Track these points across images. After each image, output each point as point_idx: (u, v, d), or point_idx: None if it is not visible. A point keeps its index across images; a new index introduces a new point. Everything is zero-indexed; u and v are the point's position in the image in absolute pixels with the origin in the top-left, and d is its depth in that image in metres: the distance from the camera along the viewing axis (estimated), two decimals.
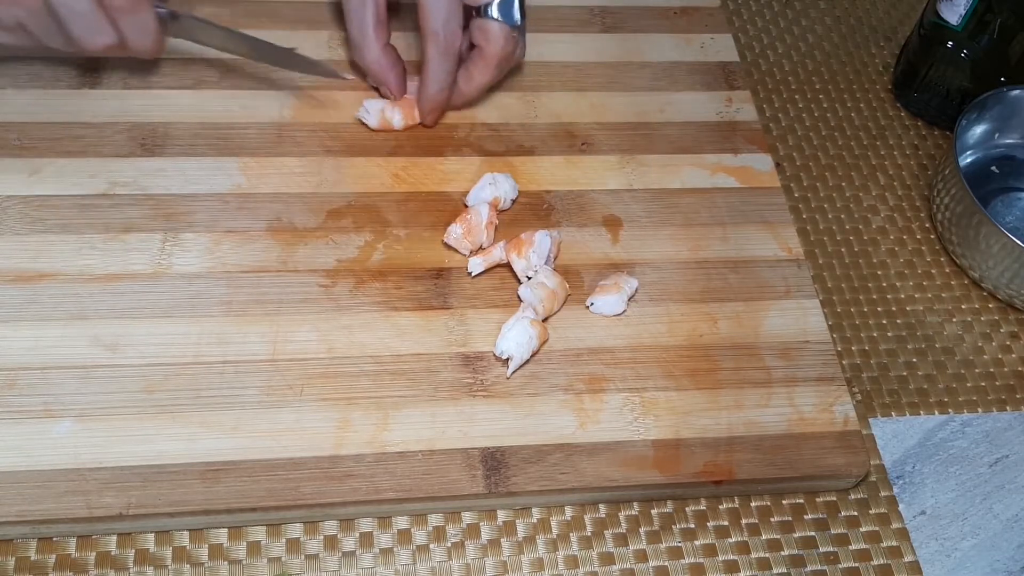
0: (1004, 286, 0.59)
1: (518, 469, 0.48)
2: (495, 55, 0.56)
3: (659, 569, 0.48)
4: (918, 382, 0.56)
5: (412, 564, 0.47)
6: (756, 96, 0.69)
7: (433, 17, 0.53)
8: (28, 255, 0.52)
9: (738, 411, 0.51)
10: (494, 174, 0.57)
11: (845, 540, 0.50)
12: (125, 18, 0.51)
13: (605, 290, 0.54)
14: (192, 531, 0.46)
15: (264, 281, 0.53)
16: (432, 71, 0.56)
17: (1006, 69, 0.64)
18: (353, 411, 0.49)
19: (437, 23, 0.53)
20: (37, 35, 0.51)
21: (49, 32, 0.51)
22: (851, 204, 0.64)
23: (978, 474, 0.53)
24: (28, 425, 0.46)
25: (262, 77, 0.62)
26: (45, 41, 0.52)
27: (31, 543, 0.45)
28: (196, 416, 0.48)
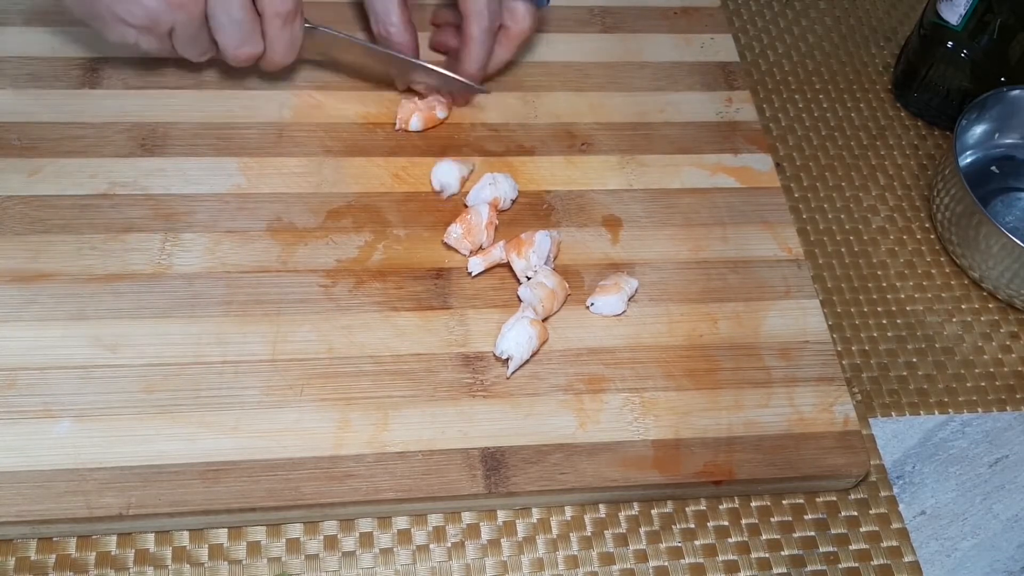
0: (1004, 286, 0.59)
1: (518, 469, 0.48)
2: (520, 35, 0.57)
3: (659, 569, 0.48)
4: (918, 382, 0.56)
5: (412, 564, 0.47)
6: (756, 96, 0.69)
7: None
8: (28, 255, 0.52)
9: (738, 411, 0.51)
10: (494, 174, 0.57)
11: (845, 540, 0.50)
12: (278, 30, 0.53)
13: (605, 290, 0.54)
14: (192, 531, 0.46)
15: (264, 281, 0.53)
16: (474, 50, 0.56)
17: (1006, 69, 0.64)
18: (353, 411, 0.49)
19: (482, 3, 0.54)
20: (182, 42, 0.53)
21: (195, 39, 0.53)
22: (851, 204, 0.64)
23: (978, 474, 0.53)
24: (28, 425, 0.46)
25: (262, 77, 0.62)
26: (185, 50, 0.53)
27: (31, 543, 0.45)
28: (196, 416, 0.48)
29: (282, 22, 0.53)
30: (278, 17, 0.53)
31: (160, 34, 0.52)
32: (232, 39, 0.53)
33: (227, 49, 0.54)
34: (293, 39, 0.55)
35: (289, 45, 0.55)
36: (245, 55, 0.54)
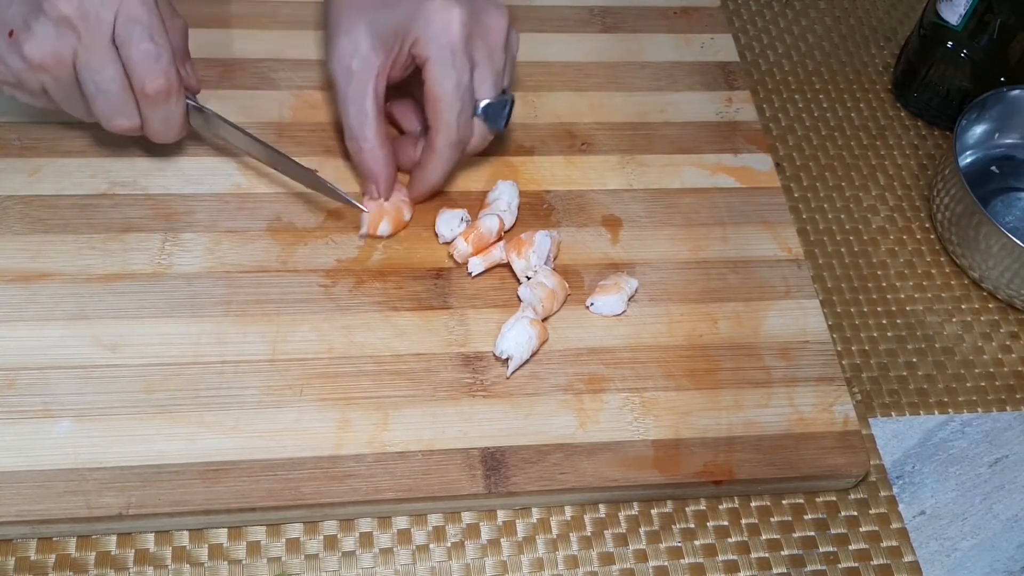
0: (1004, 286, 0.59)
1: (518, 469, 0.48)
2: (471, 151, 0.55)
3: (659, 569, 0.48)
4: (918, 382, 0.56)
5: (412, 564, 0.47)
6: (756, 96, 0.69)
7: (449, 111, 0.51)
8: (28, 255, 0.52)
9: (738, 411, 0.51)
10: (504, 186, 0.57)
11: (845, 540, 0.50)
12: (150, 108, 0.50)
13: (605, 290, 0.54)
14: (192, 531, 0.46)
15: (264, 281, 0.53)
16: (438, 163, 0.53)
17: (1006, 69, 0.64)
18: (353, 411, 0.49)
19: (452, 116, 0.51)
20: (60, 103, 0.50)
21: (72, 102, 0.50)
22: (851, 204, 0.64)
23: (978, 474, 0.53)
24: (28, 425, 0.46)
25: (262, 77, 0.62)
26: (67, 109, 0.51)
27: (31, 543, 0.45)
28: (196, 416, 0.47)
29: (151, 101, 0.50)
30: (146, 96, 0.49)
31: (33, 92, 0.49)
32: (104, 110, 0.50)
33: (101, 118, 0.50)
34: (168, 119, 0.51)
35: (163, 125, 0.52)
36: (121, 127, 0.51)
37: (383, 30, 0.51)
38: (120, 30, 0.48)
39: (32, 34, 0.47)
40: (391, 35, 0.51)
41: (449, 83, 0.50)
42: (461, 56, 0.50)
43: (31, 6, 0.47)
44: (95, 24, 0.47)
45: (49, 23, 0.47)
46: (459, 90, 0.51)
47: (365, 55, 0.51)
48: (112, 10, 0.47)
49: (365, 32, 0.51)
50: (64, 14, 0.47)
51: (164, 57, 0.49)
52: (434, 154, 0.53)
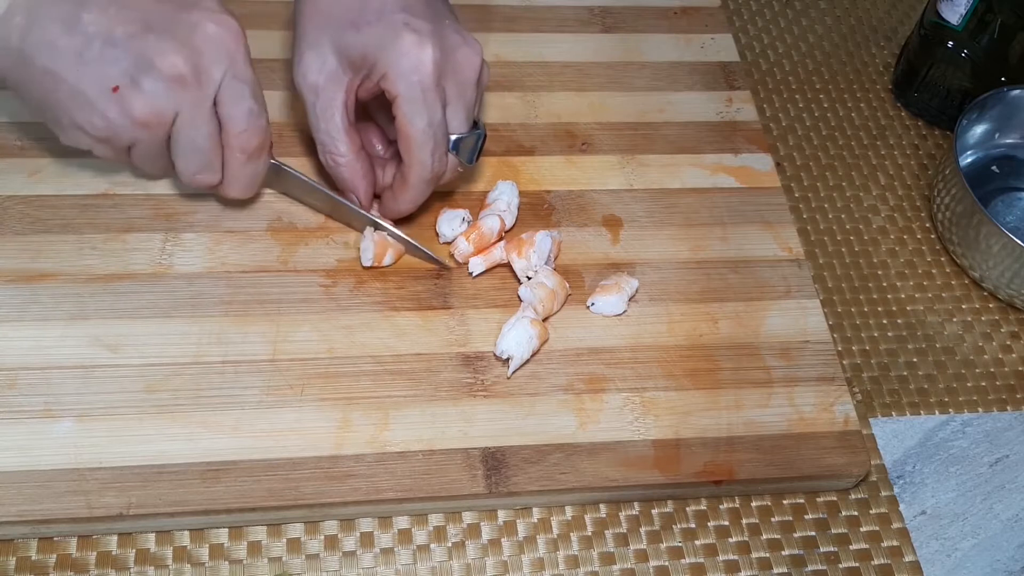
0: (1004, 286, 0.59)
1: (518, 469, 0.48)
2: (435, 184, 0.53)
3: (659, 569, 0.48)
4: (918, 382, 0.56)
5: (412, 564, 0.47)
6: (756, 96, 0.69)
7: (421, 149, 0.50)
8: (29, 255, 0.52)
9: (738, 411, 0.51)
10: (504, 186, 0.57)
11: (846, 540, 0.50)
12: (240, 165, 0.50)
13: (605, 290, 0.54)
14: (192, 531, 0.46)
15: (264, 281, 0.53)
16: (410, 194, 0.52)
17: (1006, 69, 0.64)
18: (353, 411, 0.49)
19: (425, 155, 0.50)
20: (140, 159, 0.50)
21: (155, 158, 0.50)
22: (851, 204, 0.64)
23: (978, 474, 0.53)
24: (28, 425, 0.46)
25: (262, 77, 0.61)
26: (142, 165, 0.50)
27: (32, 543, 0.45)
28: (196, 416, 0.48)
29: (245, 159, 0.50)
30: (243, 153, 0.50)
31: (118, 148, 0.49)
32: (190, 166, 0.49)
33: (183, 174, 0.50)
34: (254, 176, 0.52)
35: (249, 181, 0.52)
36: (202, 182, 0.51)
37: (350, 51, 0.50)
38: (226, 89, 0.48)
39: (141, 91, 0.46)
40: (359, 57, 0.49)
41: (421, 122, 0.49)
42: (432, 94, 0.49)
43: (141, 62, 0.45)
44: (205, 82, 0.47)
45: (161, 80, 0.46)
46: (431, 128, 0.49)
47: (332, 71, 0.50)
48: (222, 68, 0.47)
49: (330, 49, 0.50)
50: (179, 72, 0.46)
51: (264, 116, 0.50)
52: (407, 187, 0.52)
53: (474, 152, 0.53)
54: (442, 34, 0.49)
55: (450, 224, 0.55)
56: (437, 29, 0.49)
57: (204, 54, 0.47)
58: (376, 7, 0.49)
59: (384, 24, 0.49)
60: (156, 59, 0.46)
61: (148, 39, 0.46)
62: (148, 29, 0.46)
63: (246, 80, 0.48)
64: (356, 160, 0.52)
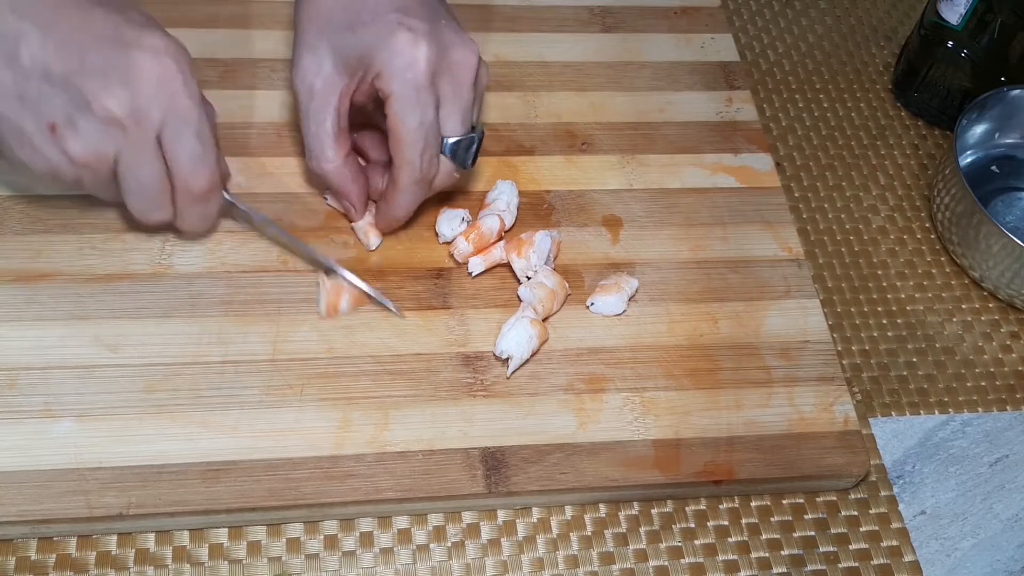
0: (1004, 286, 0.59)
1: (518, 469, 0.48)
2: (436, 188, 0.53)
3: (659, 569, 0.48)
4: (918, 382, 0.56)
5: (412, 564, 0.47)
6: (756, 96, 0.69)
7: (411, 149, 0.49)
8: (28, 255, 0.52)
9: (738, 411, 0.51)
10: (504, 185, 0.57)
11: (845, 540, 0.50)
12: (189, 205, 0.49)
13: (605, 290, 0.54)
14: (192, 531, 0.46)
15: (264, 281, 0.53)
16: (402, 199, 0.52)
17: (1006, 69, 0.64)
18: (353, 411, 0.49)
19: (415, 155, 0.49)
20: (92, 190, 0.49)
21: (105, 191, 0.49)
22: (851, 204, 0.64)
23: (978, 474, 0.53)
24: (28, 425, 0.46)
25: (262, 77, 0.62)
26: (98, 196, 0.50)
27: (31, 543, 0.45)
28: (196, 416, 0.48)
29: (193, 199, 0.49)
30: (189, 194, 0.49)
31: (65, 183, 0.47)
32: (139, 204, 0.49)
33: (134, 211, 0.49)
34: (205, 215, 0.51)
35: (201, 220, 0.51)
36: (153, 221, 0.50)
37: (347, 53, 0.49)
38: (168, 129, 0.46)
39: (77, 131, 0.45)
40: (355, 59, 0.49)
41: (412, 121, 0.48)
42: (426, 93, 0.48)
43: (78, 102, 0.44)
44: (143, 123, 0.45)
45: (96, 122, 0.45)
46: (423, 128, 0.49)
47: (328, 74, 0.50)
48: (161, 108, 0.46)
49: (328, 51, 0.50)
50: (113, 114, 0.45)
51: (210, 157, 0.48)
52: (398, 190, 0.51)
53: (469, 156, 0.52)
54: (438, 33, 0.49)
55: (450, 224, 0.55)
56: (433, 28, 0.49)
57: (142, 94, 0.45)
58: (372, 8, 0.49)
59: (379, 24, 0.48)
60: (91, 100, 0.44)
61: (85, 78, 0.44)
62: (85, 67, 0.44)
63: (189, 120, 0.47)
64: (344, 165, 0.52)
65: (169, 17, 0.63)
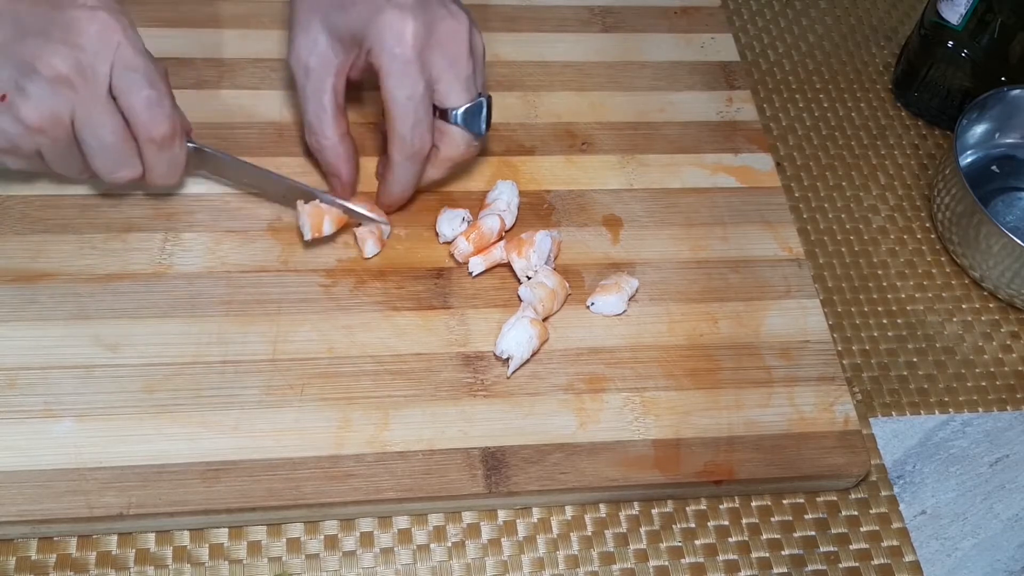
0: (1005, 286, 0.59)
1: (518, 469, 0.48)
2: (450, 159, 0.53)
3: (659, 569, 0.48)
4: (918, 382, 0.56)
5: (412, 564, 0.47)
6: (756, 96, 0.69)
7: (401, 122, 0.50)
8: (28, 255, 0.52)
9: (738, 411, 0.51)
10: (504, 185, 0.57)
11: (846, 540, 0.50)
12: (155, 155, 0.50)
13: (606, 290, 0.54)
14: (192, 531, 0.46)
15: (264, 281, 0.53)
16: (397, 174, 0.52)
17: (1006, 69, 0.64)
18: (353, 411, 0.49)
19: (405, 128, 0.50)
20: (53, 163, 0.49)
21: (68, 162, 0.49)
22: (851, 204, 0.64)
23: (979, 474, 0.53)
24: (28, 425, 0.46)
25: (262, 77, 0.62)
26: (60, 170, 0.50)
27: (32, 543, 0.45)
28: (196, 416, 0.48)
29: (157, 147, 0.49)
30: (152, 143, 0.49)
31: (26, 156, 0.48)
32: (105, 164, 0.49)
33: (102, 172, 0.49)
34: (172, 162, 0.51)
35: (168, 168, 0.51)
36: (122, 178, 0.50)
37: (340, 31, 0.50)
38: (118, 81, 0.47)
39: (27, 96, 0.45)
40: (348, 37, 0.50)
41: (401, 94, 0.49)
42: (414, 67, 0.49)
43: (23, 68, 0.45)
44: (92, 79, 0.46)
45: (44, 83, 0.45)
46: (412, 101, 0.49)
47: (323, 52, 0.51)
48: (108, 62, 0.46)
49: (321, 30, 0.51)
50: (60, 72, 0.45)
51: (166, 101, 0.49)
52: (393, 167, 0.52)
53: (481, 122, 0.53)
54: (426, 7, 0.50)
55: (450, 224, 0.55)
56: (421, 2, 0.49)
57: (86, 50, 0.46)
58: None
59: (369, 1, 0.49)
60: (36, 63, 0.45)
61: (26, 43, 0.45)
62: (25, 33, 0.45)
63: (137, 68, 0.47)
64: (340, 143, 0.53)
65: (169, 17, 0.64)
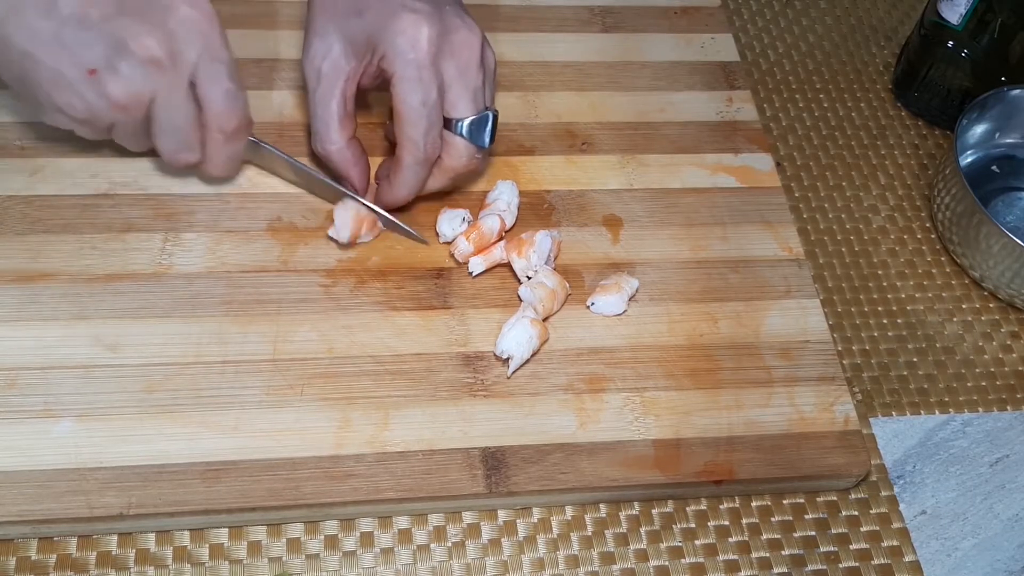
0: (1005, 286, 0.59)
1: (518, 469, 0.48)
2: (452, 169, 0.54)
3: (660, 569, 0.48)
4: (919, 382, 0.56)
5: (412, 564, 0.47)
6: (756, 96, 0.69)
7: (413, 127, 0.50)
8: (28, 255, 0.52)
9: (738, 411, 0.51)
10: (504, 186, 0.57)
11: (846, 540, 0.50)
12: (220, 145, 0.51)
13: (606, 290, 0.54)
14: (192, 531, 0.46)
15: (264, 281, 0.53)
16: (404, 177, 0.53)
17: (1006, 69, 0.64)
18: (353, 411, 0.49)
19: (418, 133, 0.50)
20: (121, 137, 0.51)
21: (135, 137, 0.51)
22: (851, 204, 0.64)
23: (979, 474, 0.53)
24: (28, 425, 0.46)
25: (262, 77, 0.62)
26: (124, 143, 0.52)
27: (32, 543, 0.45)
28: (196, 416, 0.48)
29: (224, 139, 0.51)
30: (221, 134, 0.50)
31: (99, 129, 0.50)
32: (170, 145, 0.51)
33: (164, 153, 0.51)
34: (233, 155, 0.53)
35: (228, 160, 0.53)
36: (182, 161, 0.52)
37: (355, 37, 0.51)
38: (203, 69, 0.48)
39: (118, 74, 0.46)
40: (363, 43, 0.51)
41: (414, 100, 0.50)
42: (428, 73, 0.49)
43: (116, 46, 0.46)
44: (179, 64, 0.48)
45: (136, 62, 0.47)
46: (425, 107, 0.50)
47: (335, 59, 0.51)
48: (196, 50, 0.48)
49: (336, 36, 0.51)
50: (153, 54, 0.47)
51: (242, 96, 0.50)
52: (401, 170, 0.52)
53: (485, 135, 0.53)
54: (441, 15, 0.50)
55: (450, 224, 0.55)
56: (436, 11, 0.50)
57: (178, 36, 0.47)
58: None
59: (385, 7, 0.50)
60: (131, 42, 0.46)
61: (122, 22, 0.46)
62: (122, 12, 0.47)
63: (223, 60, 0.49)
64: (346, 148, 0.53)
65: None
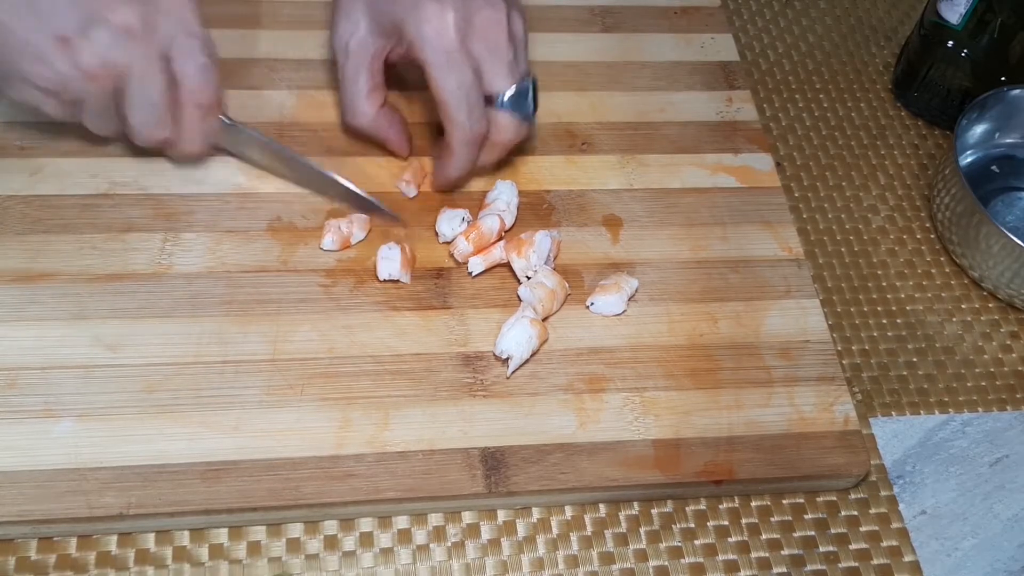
0: (1004, 286, 0.59)
1: (518, 469, 0.48)
2: (502, 144, 0.55)
3: (659, 569, 0.48)
4: (918, 382, 0.56)
5: (412, 564, 0.47)
6: (756, 96, 0.69)
7: (456, 110, 0.52)
8: (29, 255, 0.52)
9: (738, 411, 0.51)
10: (503, 185, 0.57)
11: (845, 540, 0.50)
12: (194, 121, 0.51)
13: (605, 290, 0.54)
14: (192, 531, 0.46)
15: (264, 281, 0.53)
16: (457, 158, 0.54)
17: (1006, 68, 0.64)
18: (353, 411, 0.49)
19: (461, 115, 0.52)
20: (90, 115, 0.51)
21: (104, 114, 0.51)
22: (851, 204, 0.64)
23: (978, 474, 0.53)
24: (28, 425, 0.46)
25: (262, 77, 0.62)
26: (92, 123, 0.51)
27: (31, 543, 0.45)
28: (196, 416, 0.48)
29: (201, 114, 0.51)
30: (197, 108, 0.51)
31: (67, 101, 0.49)
32: (144, 120, 0.50)
33: (136, 128, 0.51)
34: (206, 131, 0.53)
35: (201, 136, 0.53)
36: (155, 139, 0.52)
37: (382, 18, 0.52)
38: (178, 44, 0.49)
39: (90, 41, 0.47)
40: (389, 25, 0.52)
41: (451, 84, 0.51)
42: (459, 56, 0.51)
43: (89, 13, 0.46)
44: (154, 35, 0.48)
45: (110, 32, 0.47)
46: (462, 89, 0.51)
47: (362, 36, 0.53)
48: (171, 24, 0.48)
49: (364, 16, 0.53)
50: (128, 24, 0.47)
51: (214, 72, 0.51)
52: (453, 152, 0.54)
53: (528, 104, 0.54)
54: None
55: (450, 224, 0.55)
56: None
57: (157, 8, 0.48)
58: None
59: None
60: (106, 11, 0.47)
61: None
62: None
63: (196, 34, 0.50)
64: (377, 117, 0.55)
65: None
